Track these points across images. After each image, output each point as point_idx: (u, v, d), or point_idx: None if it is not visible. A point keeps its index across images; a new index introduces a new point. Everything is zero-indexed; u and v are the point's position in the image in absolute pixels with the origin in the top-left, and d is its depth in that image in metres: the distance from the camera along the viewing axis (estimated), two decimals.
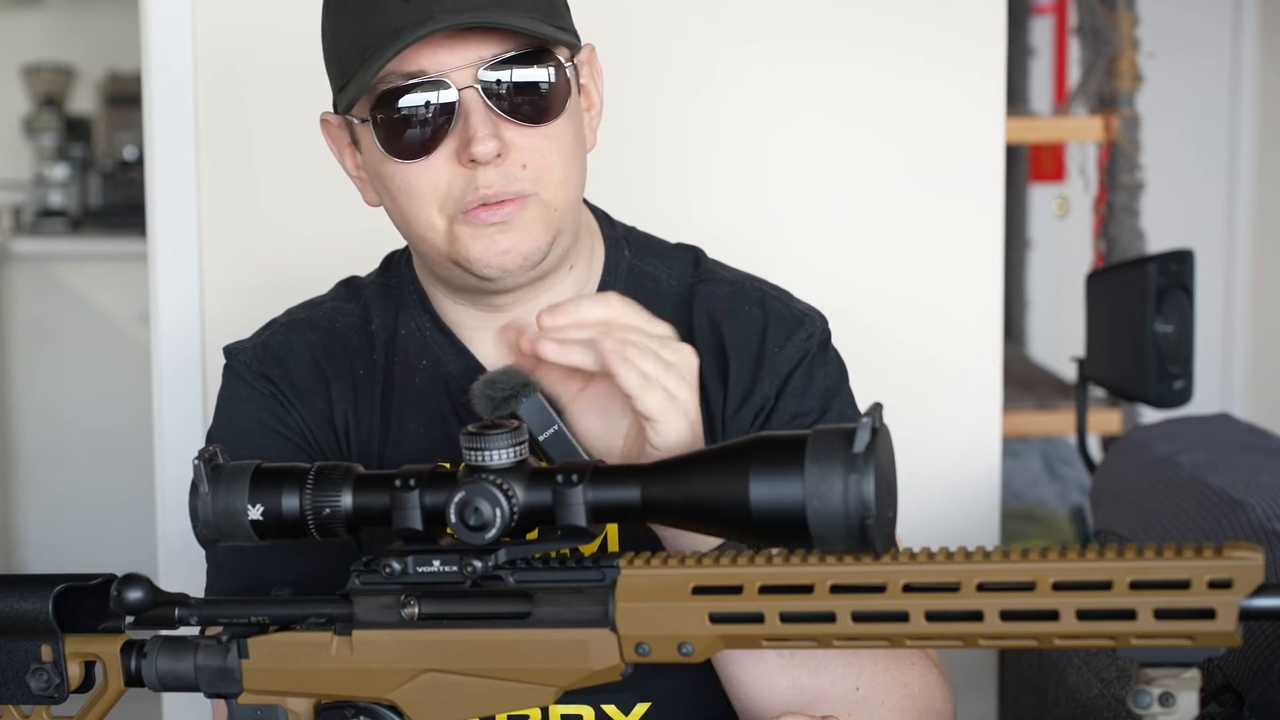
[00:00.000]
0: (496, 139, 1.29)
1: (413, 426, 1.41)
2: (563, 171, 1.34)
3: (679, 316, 1.44)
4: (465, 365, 1.42)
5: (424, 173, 1.31)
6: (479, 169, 1.30)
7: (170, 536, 2.05)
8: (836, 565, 1.00)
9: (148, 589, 1.13)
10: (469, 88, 1.29)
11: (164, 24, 2.02)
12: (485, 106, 1.29)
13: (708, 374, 1.42)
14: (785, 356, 1.42)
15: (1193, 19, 4.24)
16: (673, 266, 1.48)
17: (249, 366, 1.44)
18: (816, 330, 1.45)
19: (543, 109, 1.32)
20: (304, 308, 1.50)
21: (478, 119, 1.29)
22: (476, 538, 1.06)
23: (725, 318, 1.44)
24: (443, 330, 1.43)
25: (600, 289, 1.44)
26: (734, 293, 1.46)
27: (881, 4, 2.06)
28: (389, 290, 1.47)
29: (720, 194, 2.06)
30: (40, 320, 4.60)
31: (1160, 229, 2.73)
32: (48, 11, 5.00)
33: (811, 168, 2.07)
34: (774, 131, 2.06)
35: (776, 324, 1.43)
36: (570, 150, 1.35)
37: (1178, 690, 0.95)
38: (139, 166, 4.55)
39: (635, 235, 1.50)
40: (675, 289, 1.46)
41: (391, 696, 1.10)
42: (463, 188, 1.31)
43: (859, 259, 2.08)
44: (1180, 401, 2.24)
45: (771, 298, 1.46)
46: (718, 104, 2.06)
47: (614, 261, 1.46)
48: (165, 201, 2.04)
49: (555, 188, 1.33)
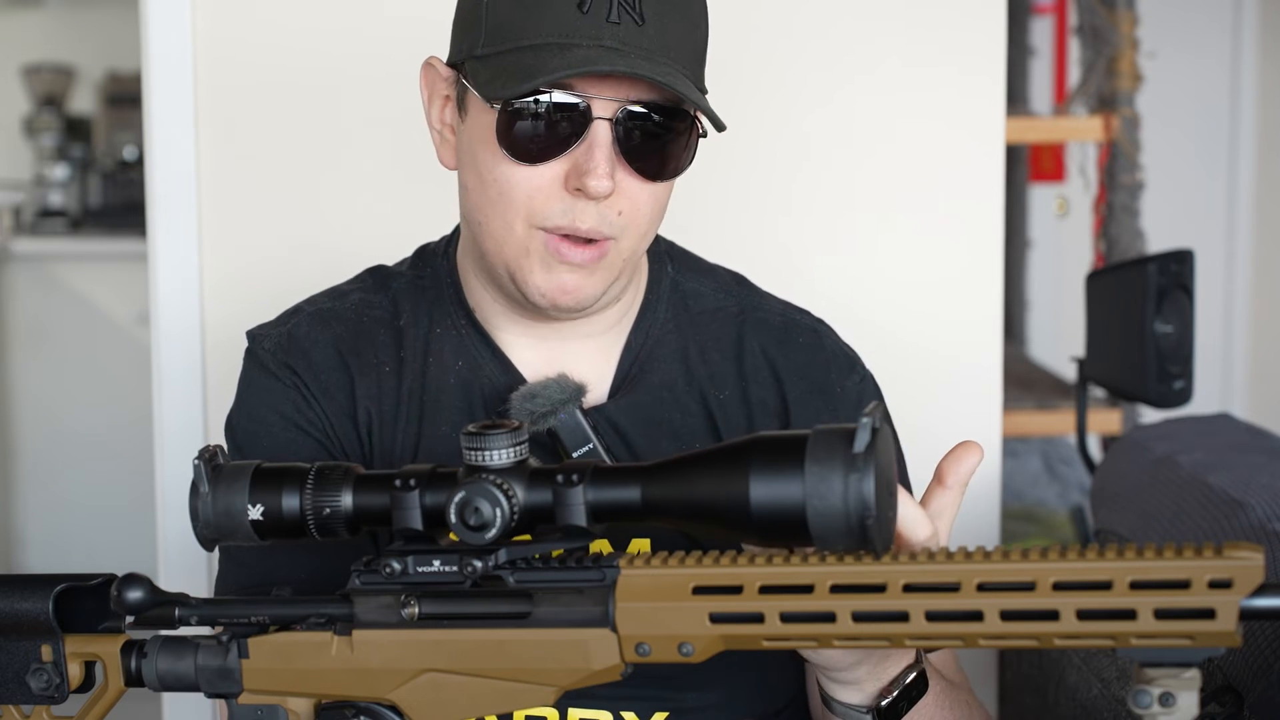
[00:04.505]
0: (611, 180, 1.27)
1: (444, 429, 1.39)
2: (649, 225, 1.34)
3: (725, 335, 1.44)
4: (503, 371, 1.40)
5: (528, 179, 1.29)
6: (582, 200, 1.28)
7: (170, 536, 2.05)
8: (836, 565, 1.00)
9: (148, 589, 1.12)
10: (605, 120, 1.27)
11: (164, 24, 2.02)
12: (613, 143, 1.28)
13: (757, 405, 1.42)
14: (847, 397, 1.43)
15: (1193, 19, 4.24)
16: (717, 285, 1.48)
17: (273, 355, 1.42)
18: (868, 375, 1.47)
19: (661, 166, 1.31)
20: (329, 296, 1.47)
21: (601, 154, 1.27)
22: (476, 538, 1.06)
23: (779, 349, 1.44)
24: (479, 331, 1.42)
25: (643, 305, 1.44)
26: (786, 324, 1.46)
27: (881, 4, 2.06)
28: (422, 284, 1.45)
29: (721, 194, 2.06)
30: (40, 320, 4.60)
31: (1160, 229, 2.73)
32: (48, 11, 5.01)
33: (811, 167, 2.07)
34: (774, 131, 2.06)
35: (835, 360, 1.45)
36: (662, 207, 1.35)
37: (1178, 690, 0.95)
38: (139, 166, 4.56)
39: (677, 251, 1.50)
40: (720, 306, 1.46)
41: (391, 696, 1.10)
42: (560, 211, 1.29)
43: (859, 258, 2.08)
44: (1180, 401, 2.24)
45: (823, 333, 1.48)
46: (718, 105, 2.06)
47: (656, 277, 1.46)
48: (165, 201, 2.04)
49: (635, 239, 1.33)
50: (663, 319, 1.44)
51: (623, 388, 1.41)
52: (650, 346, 1.42)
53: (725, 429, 1.40)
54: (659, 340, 1.43)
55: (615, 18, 1.25)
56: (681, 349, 1.43)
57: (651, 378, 1.41)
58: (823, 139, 2.07)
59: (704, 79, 1.35)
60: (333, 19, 2.03)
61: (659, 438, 1.38)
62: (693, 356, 1.42)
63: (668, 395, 1.41)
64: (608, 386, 1.41)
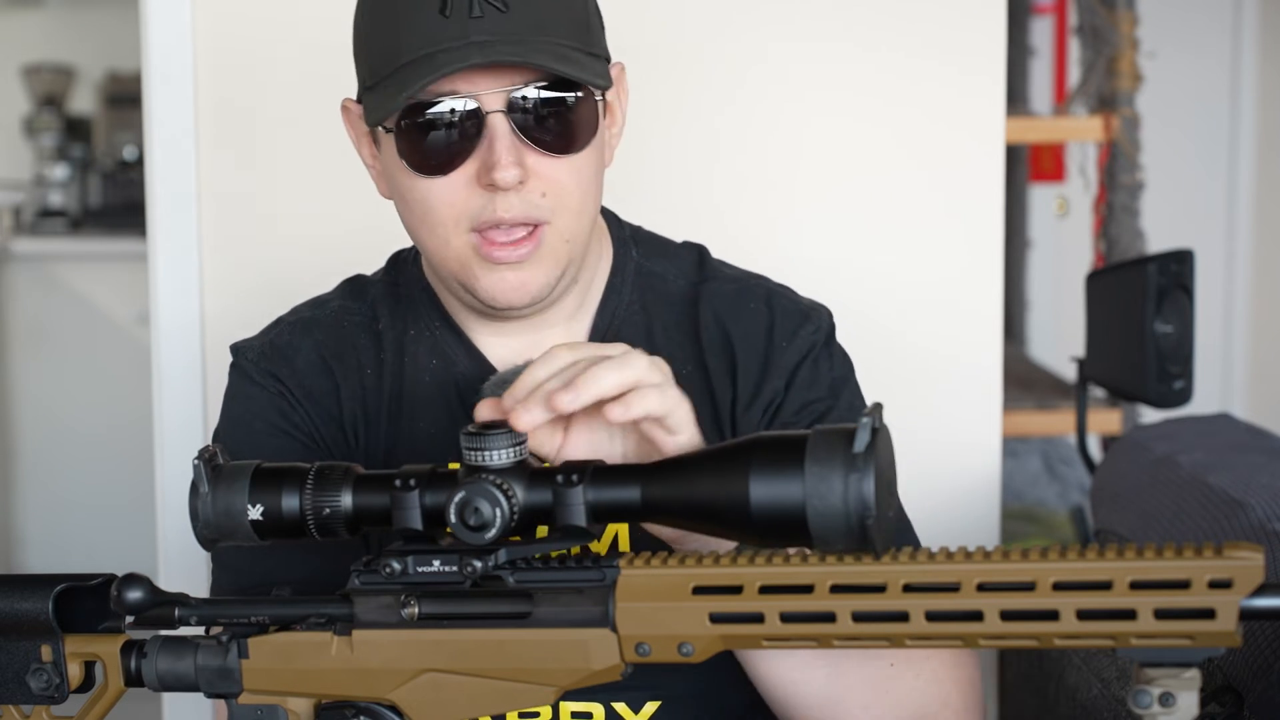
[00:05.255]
0: (519, 166, 1.28)
1: (423, 426, 1.41)
2: (580, 201, 1.33)
3: (686, 315, 1.44)
4: (476, 365, 1.42)
5: (443, 190, 1.31)
6: (499, 193, 1.29)
7: (170, 536, 2.05)
8: (836, 565, 1.00)
9: (148, 589, 1.12)
10: (497, 112, 1.28)
11: (164, 24, 2.02)
12: (512, 132, 1.28)
13: (716, 373, 1.42)
14: (792, 350, 1.42)
15: (1193, 19, 4.24)
16: (679, 265, 1.48)
17: (256, 365, 1.44)
18: (823, 324, 1.45)
19: (568, 140, 1.31)
20: (310, 306, 1.49)
21: (503, 145, 1.28)
22: (476, 538, 1.06)
23: (731, 316, 1.44)
24: (453, 330, 1.43)
25: (607, 289, 1.44)
26: (739, 290, 1.46)
27: (882, 5, 2.06)
28: (396, 290, 1.47)
29: (722, 194, 2.06)
30: (40, 320, 4.60)
31: (1160, 229, 2.73)
32: (48, 11, 5.01)
33: (811, 167, 2.07)
34: (774, 132, 2.06)
35: (782, 320, 1.44)
36: (589, 179, 1.34)
37: (1178, 690, 0.95)
38: (139, 166, 4.56)
39: (642, 235, 1.50)
40: (682, 288, 1.47)
41: (391, 696, 1.10)
42: (480, 207, 1.30)
43: (859, 258, 2.08)
44: (1180, 401, 2.24)
45: (776, 294, 1.47)
46: (719, 105, 2.06)
47: (621, 261, 1.46)
48: (165, 201, 2.04)
49: (570, 218, 1.33)
50: (628, 301, 1.44)
51: None
52: (616, 328, 1.43)
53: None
54: (625, 321, 1.43)
55: (478, 11, 1.26)
56: (646, 329, 1.44)
57: None
58: (823, 139, 2.07)
59: (598, 40, 1.35)
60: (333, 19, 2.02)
61: None
62: (657, 336, 1.43)
63: None
64: None
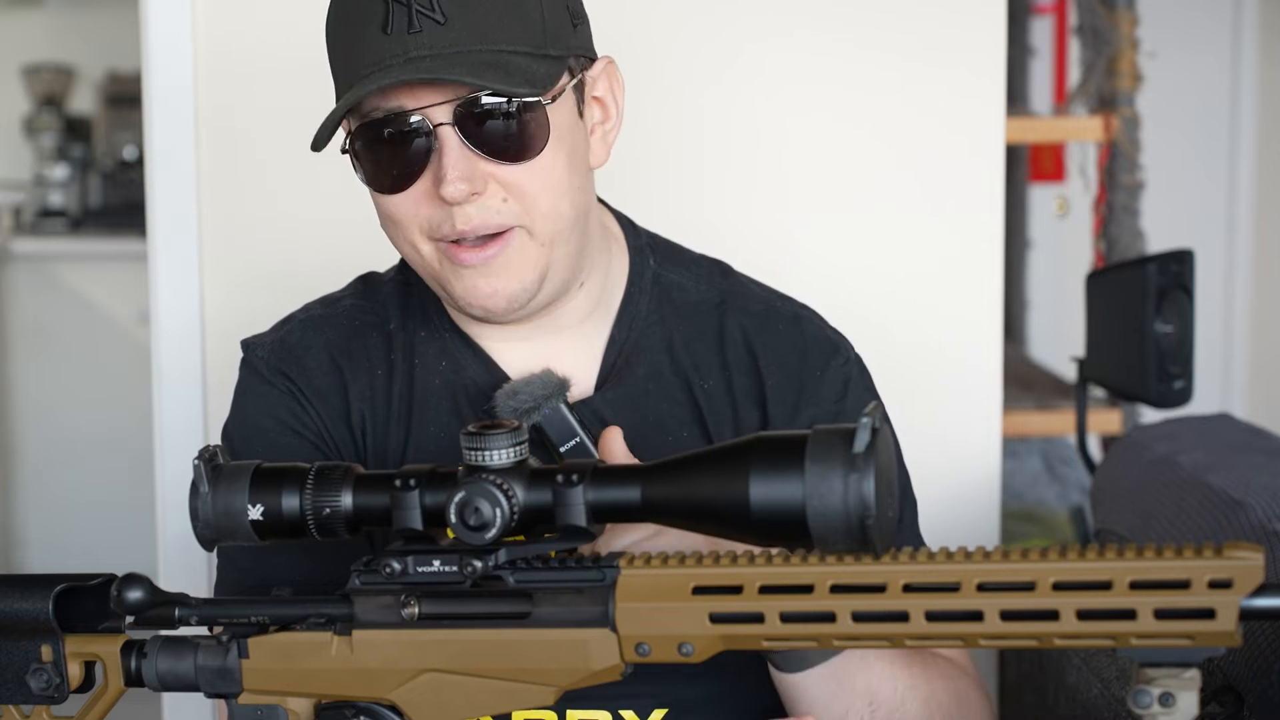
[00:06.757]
0: (467, 180, 1.27)
1: (433, 430, 1.40)
2: (551, 201, 1.31)
3: (708, 326, 1.44)
4: (485, 369, 1.41)
5: (404, 203, 1.31)
6: (455, 205, 1.28)
7: (170, 536, 2.05)
8: (836, 565, 1.00)
9: (148, 589, 1.13)
10: (444, 125, 1.27)
11: (164, 24, 2.02)
12: (461, 144, 1.27)
13: (740, 393, 1.42)
14: (829, 382, 1.42)
15: (1193, 19, 4.23)
16: (700, 276, 1.47)
17: (266, 362, 1.43)
18: (850, 353, 1.46)
19: (522, 145, 1.29)
20: (322, 304, 1.48)
21: (450, 158, 1.27)
22: (476, 538, 1.06)
23: (758, 336, 1.43)
24: (460, 333, 1.42)
25: (625, 298, 1.43)
26: (766, 311, 1.45)
27: (882, 4, 2.06)
28: (408, 290, 1.46)
29: (723, 194, 2.06)
30: (40, 320, 4.60)
31: (1160, 229, 2.73)
32: (48, 11, 5.00)
33: (811, 167, 2.07)
34: (775, 131, 2.06)
35: (814, 347, 1.44)
36: (559, 178, 1.31)
37: (1178, 690, 0.95)
38: (139, 166, 4.56)
39: (660, 243, 1.49)
40: (704, 297, 1.45)
41: (391, 696, 1.10)
42: (441, 220, 1.30)
43: (859, 258, 2.08)
44: (1180, 401, 2.24)
45: (805, 319, 1.46)
46: (720, 105, 2.06)
47: (638, 270, 1.45)
48: (165, 201, 2.04)
49: (543, 219, 1.31)
50: (646, 311, 1.43)
51: (608, 381, 1.41)
52: (634, 339, 1.42)
53: (711, 419, 1.40)
54: (643, 332, 1.43)
55: (416, 26, 1.26)
56: (666, 340, 1.43)
57: (637, 370, 1.41)
58: (823, 139, 2.07)
59: (559, 38, 1.30)
60: None
61: (645, 430, 1.38)
62: (677, 348, 1.42)
63: (653, 387, 1.41)
64: (593, 380, 1.41)
